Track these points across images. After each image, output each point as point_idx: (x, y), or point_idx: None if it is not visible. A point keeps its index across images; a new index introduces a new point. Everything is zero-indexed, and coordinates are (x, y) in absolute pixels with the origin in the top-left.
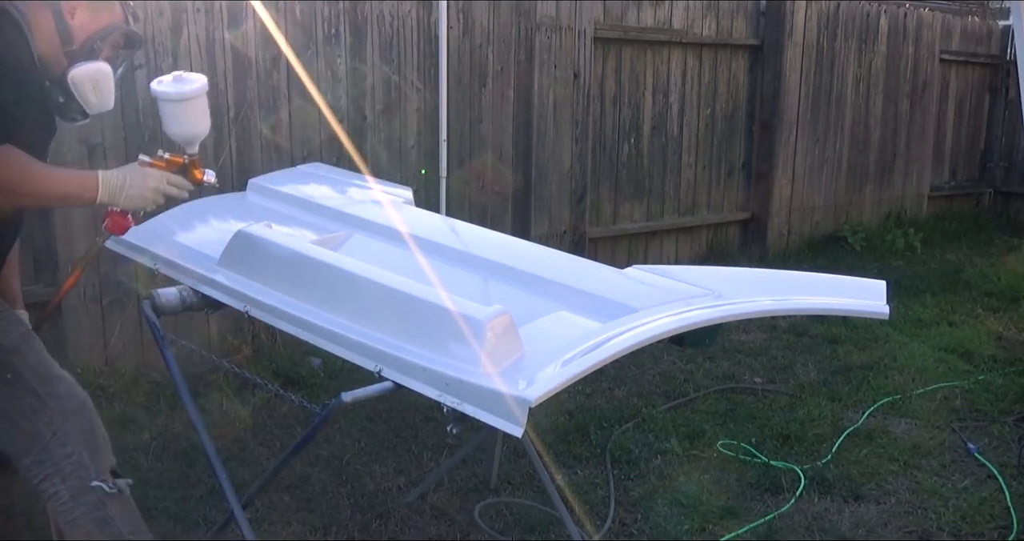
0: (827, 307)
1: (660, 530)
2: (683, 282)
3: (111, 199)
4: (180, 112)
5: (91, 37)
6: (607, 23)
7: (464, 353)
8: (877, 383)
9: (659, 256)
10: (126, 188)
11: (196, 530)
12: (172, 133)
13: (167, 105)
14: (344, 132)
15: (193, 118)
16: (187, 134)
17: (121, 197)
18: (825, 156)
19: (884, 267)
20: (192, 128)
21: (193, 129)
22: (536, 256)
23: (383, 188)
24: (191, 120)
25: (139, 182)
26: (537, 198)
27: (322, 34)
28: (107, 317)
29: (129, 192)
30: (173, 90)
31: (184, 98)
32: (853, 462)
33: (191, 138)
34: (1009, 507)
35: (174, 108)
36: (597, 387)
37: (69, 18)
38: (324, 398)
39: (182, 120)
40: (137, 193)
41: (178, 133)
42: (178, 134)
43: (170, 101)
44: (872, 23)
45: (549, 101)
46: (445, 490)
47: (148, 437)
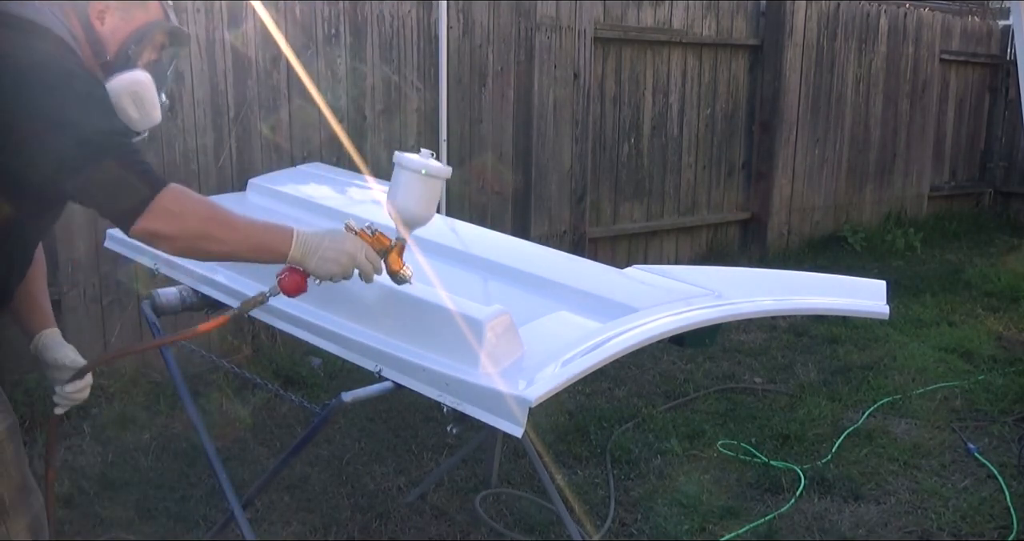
0: (827, 307)
1: (660, 530)
2: (683, 282)
3: (302, 259)
4: (421, 188)
5: (125, 43)
6: (607, 23)
7: (464, 353)
8: (877, 383)
9: (659, 256)
10: (321, 251)
11: (196, 530)
12: (399, 205)
13: (411, 176)
14: (344, 132)
15: (429, 199)
16: (413, 213)
17: (313, 260)
18: (825, 156)
19: (884, 267)
20: (421, 209)
21: (421, 210)
22: (536, 256)
23: (383, 188)
24: (426, 200)
25: (337, 247)
26: (537, 198)
27: (322, 34)
28: (107, 317)
29: (324, 255)
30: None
31: (434, 175)
32: (853, 462)
33: (413, 219)
34: (1009, 507)
35: (418, 181)
36: (597, 387)
37: (98, 24)
38: (324, 398)
39: (418, 196)
40: (332, 257)
41: (405, 208)
42: (404, 209)
43: (418, 172)
44: (872, 23)
45: (549, 101)
46: (445, 490)
47: (148, 437)
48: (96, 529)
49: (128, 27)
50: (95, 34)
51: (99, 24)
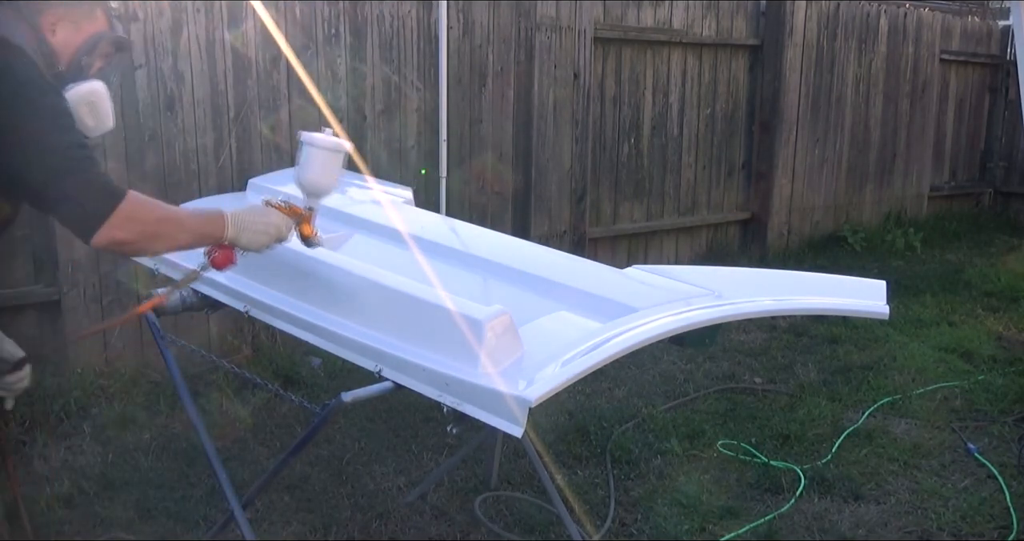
0: (827, 307)
1: (660, 530)
2: (683, 282)
3: (235, 236)
4: (324, 161)
5: (77, 53)
6: (607, 23)
7: (464, 353)
8: (877, 383)
9: (659, 256)
10: (252, 226)
11: (196, 530)
12: (306, 179)
13: (315, 151)
14: (344, 132)
15: (332, 172)
16: (318, 184)
17: (246, 236)
18: (825, 156)
19: (884, 267)
20: (326, 180)
21: (327, 182)
22: (536, 256)
23: (383, 188)
24: (329, 172)
25: (263, 221)
26: (537, 198)
27: (322, 34)
28: (107, 317)
29: (255, 229)
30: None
31: (333, 149)
32: (853, 462)
33: (320, 190)
34: (1009, 507)
35: (320, 155)
36: (597, 387)
37: (50, 36)
38: (324, 398)
39: (322, 169)
40: (261, 230)
41: (312, 181)
42: (311, 182)
43: (320, 148)
44: (872, 23)
45: (549, 101)
46: (445, 490)
47: (148, 437)
48: (96, 529)
49: (78, 38)
50: (48, 46)
51: (51, 35)
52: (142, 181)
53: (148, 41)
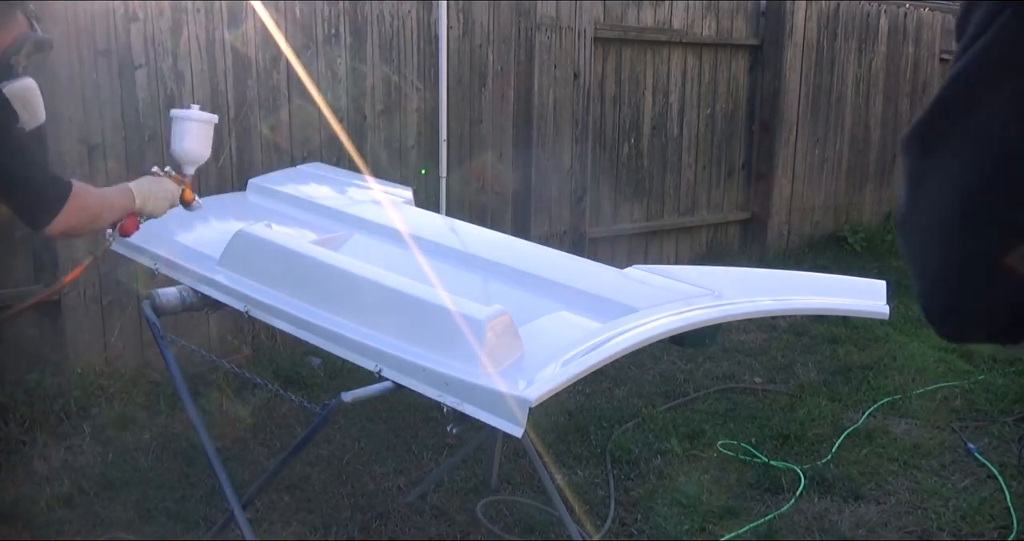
0: (827, 307)
1: (660, 530)
2: (683, 282)
3: (142, 205)
4: (194, 131)
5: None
6: (607, 23)
7: (464, 353)
8: (877, 383)
9: (659, 256)
10: (153, 195)
11: (196, 530)
12: (180, 150)
13: (185, 123)
14: (344, 132)
15: (203, 141)
16: (193, 154)
17: (150, 203)
18: (825, 156)
19: (884, 267)
20: (199, 149)
21: (199, 151)
22: (536, 256)
23: (383, 188)
24: (200, 142)
25: (161, 188)
26: (537, 198)
27: (322, 34)
28: (107, 317)
29: (156, 196)
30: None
31: (202, 120)
32: (853, 462)
33: (194, 159)
34: (1009, 507)
35: (190, 126)
36: (597, 387)
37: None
38: (324, 398)
39: (193, 140)
40: (162, 196)
41: (186, 151)
42: (185, 152)
43: (189, 120)
44: (872, 23)
45: (549, 101)
46: (445, 490)
47: (148, 437)
48: (96, 529)
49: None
50: None
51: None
52: None
53: (148, 41)
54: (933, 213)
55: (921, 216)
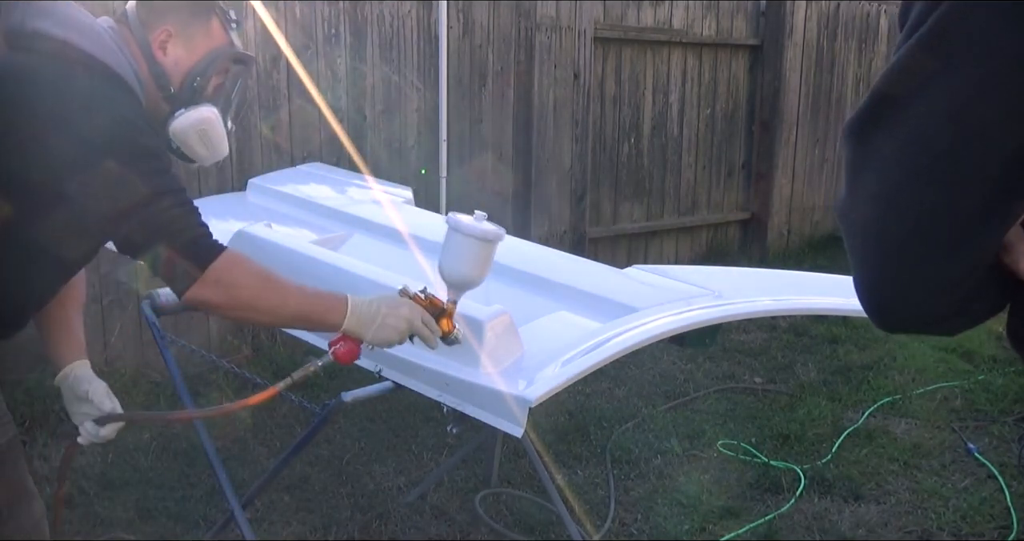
0: (827, 307)
1: (660, 530)
2: (683, 282)
3: (357, 330)
4: (475, 252)
5: (190, 74)
6: (607, 23)
7: (464, 353)
8: (877, 383)
9: (659, 256)
10: (379, 320)
11: (196, 530)
12: (451, 269)
13: (466, 240)
14: (344, 132)
15: (483, 263)
16: (466, 277)
17: (370, 331)
18: (825, 156)
19: None
20: (476, 273)
21: (476, 274)
22: (536, 256)
23: (383, 188)
24: (480, 264)
25: (394, 314)
26: (537, 198)
27: (322, 34)
28: (107, 317)
29: (382, 322)
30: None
31: (489, 239)
32: (853, 462)
33: (466, 283)
34: (1009, 507)
35: (472, 245)
36: (597, 387)
37: (161, 55)
38: (324, 398)
39: (471, 261)
40: (392, 324)
41: (458, 272)
42: (457, 273)
43: (472, 237)
44: (872, 23)
45: (549, 101)
46: (445, 490)
47: (148, 437)
48: (96, 529)
49: (192, 57)
50: (158, 67)
51: (161, 55)
52: None
53: None
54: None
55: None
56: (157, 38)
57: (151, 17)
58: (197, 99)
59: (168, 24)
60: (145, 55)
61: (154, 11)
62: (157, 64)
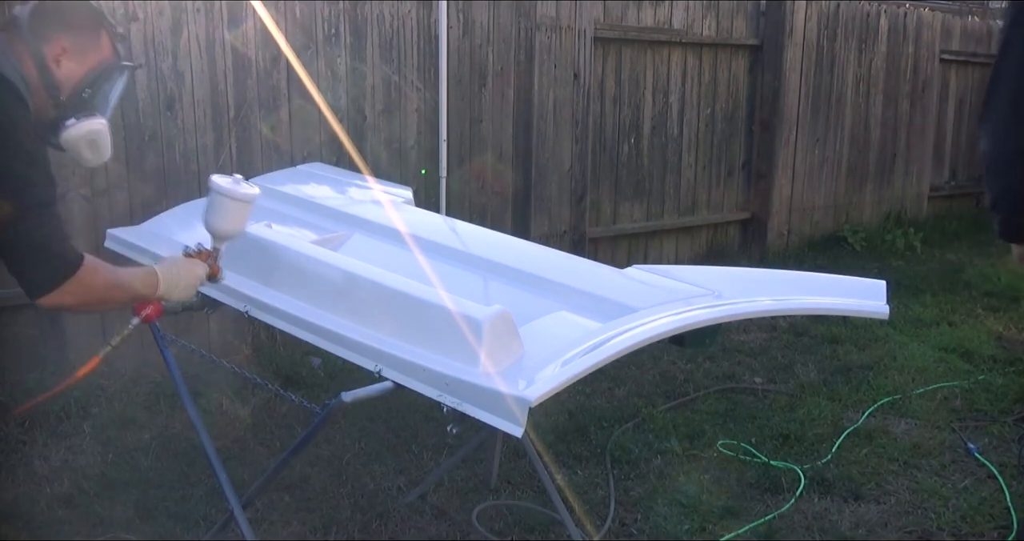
0: (827, 307)
1: (660, 530)
2: (683, 282)
3: (167, 293)
4: (232, 210)
5: (79, 85)
6: (607, 23)
7: (464, 353)
8: (877, 383)
9: (659, 256)
10: (180, 282)
11: (196, 530)
12: (214, 225)
13: (224, 200)
14: (344, 132)
15: (239, 219)
16: (227, 230)
17: (175, 290)
18: (825, 156)
19: (884, 267)
20: (234, 227)
21: (234, 228)
22: (536, 256)
23: (383, 188)
24: (237, 220)
25: (188, 274)
26: (537, 198)
27: (322, 34)
28: (107, 317)
29: (182, 283)
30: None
31: (243, 199)
32: (853, 462)
33: (228, 235)
34: (1009, 507)
35: (229, 204)
36: (597, 387)
37: (55, 67)
38: (324, 398)
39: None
40: (187, 284)
41: (220, 227)
42: (219, 228)
43: (229, 198)
44: (872, 23)
45: (549, 101)
46: (445, 490)
47: (148, 437)
48: (96, 529)
49: (82, 69)
50: (51, 78)
51: (55, 67)
52: (142, 181)
53: (148, 41)
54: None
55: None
56: (51, 52)
57: (46, 30)
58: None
59: (63, 39)
60: (38, 66)
61: (49, 25)
62: (50, 74)
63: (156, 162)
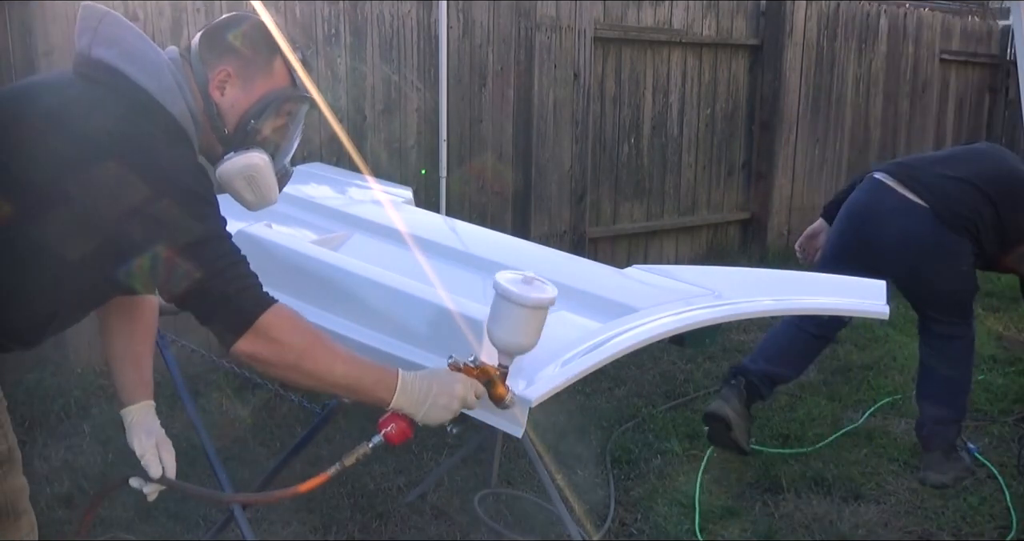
0: (827, 307)
1: (660, 530)
2: (683, 282)
3: (408, 408)
4: (524, 319)
5: (244, 117)
6: (607, 23)
7: (464, 353)
8: (877, 383)
9: (659, 256)
10: (431, 399)
11: (196, 530)
12: (499, 338)
13: (513, 308)
14: (344, 132)
15: (532, 330)
16: (516, 345)
17: (421, 410)
18: (825, 156)
19: None
20: (526, 340)
21: (527, 341)
22: (536, 256)
23: (383, 188)
24: (529, 331)
25: (447, 392)
26: (537, 198)
27: (322, 34)
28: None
29: (434, 402)
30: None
31: (537, 306)
32: (853, 462)
33: (518, 350)
34: (1009, 507)
35: (520, 313)
36: (597, 387)
37: (218, 95)
38: (324, 398)
39: (520, 329)
40: (443, 404)
41: (507, 341)
42: (506, 342)
43: (520, 305)
44: (872, 23)
45: (549, 101)
46: (445, 490)
47: None
48: (96, 529)
49: (249, 98)
50: (214, 107)
51: (219, 95)
52: None
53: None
54: None
55: None
56: (216, 77)
57: (212, 55)
58: (249, 142)
59: (228, 64)
60: (202, 94)
61: (215, 49)
62: (213, 104)
63: None
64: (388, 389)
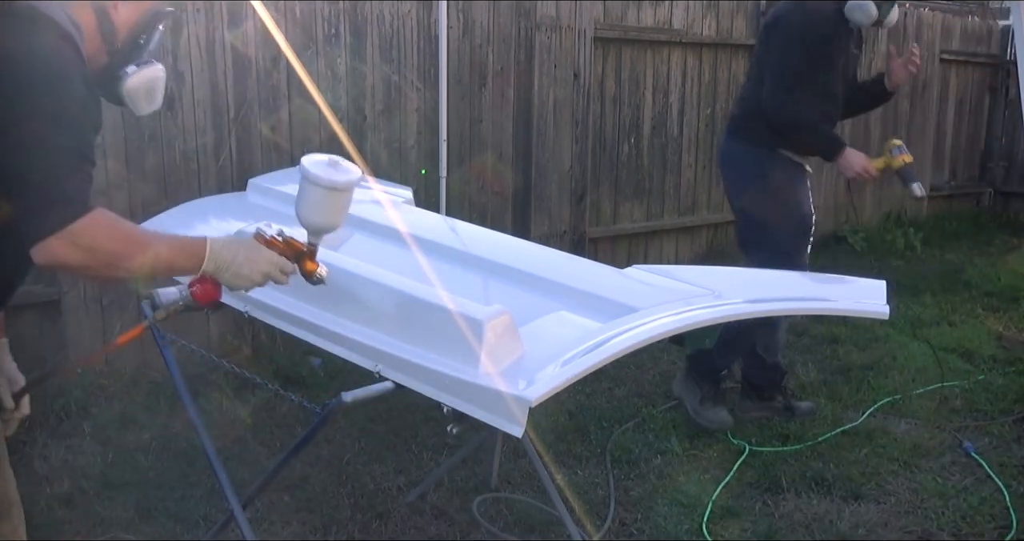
0: (827, 307)
1: (660, 530)
2: (683, 282)
3: (215, 272)
4: (325, 200)
5: (134, 31)
6: (607, 23)
7: (464, 353)
8: (877, 383)
9: (659, 256)
10: (235, 265)
11: (196, 530)
12: (305, 218)
13: (314, 189)
14: (344, 132)
15: (335, 210)
16: (321, 224)
17: (226, 274)
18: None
19: (884, 267)
20: (329, 219)
21: (330, 221)
22: (536, 256)
23: (383, 188)
24: (332, 211)
25: (251, 261)
26: (537, 198)
27: (322, 34)
28: (107, 317)
29: (237, 271)
30: (327, 177)
31: (336, 188)
32: (853, 462)
33: (322, 229)
34: (1009, 507)
35: (320, 194)
36: (597, 387)
37: (114, 13)
38: (324, 398)
39: (322, 209)
40: (246, 273)
41: (312, 220)
42: (311, 221)
43: (320, 187)
44: None
45: (549, 101)
46: (445, 490)
47: (148, 437)
48: (96, 529)
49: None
50: (111, 25)
51: (114, 13)
52: (142, 181)
53: None
54: None
55: None
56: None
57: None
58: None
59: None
60: (97, 10)
61: None
62: (110, 22)
63: (156, 162)
64: (199, 258)
